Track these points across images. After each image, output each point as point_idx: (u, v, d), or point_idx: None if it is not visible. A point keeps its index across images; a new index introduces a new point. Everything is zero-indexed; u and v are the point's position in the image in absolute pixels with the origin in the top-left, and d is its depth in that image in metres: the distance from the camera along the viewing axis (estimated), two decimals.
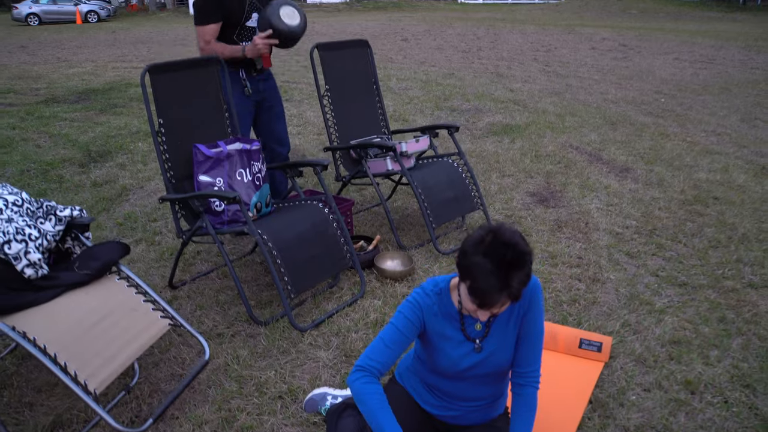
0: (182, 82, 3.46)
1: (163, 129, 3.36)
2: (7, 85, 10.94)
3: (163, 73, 3.37)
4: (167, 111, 3.38)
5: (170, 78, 3.40)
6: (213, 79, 3.60)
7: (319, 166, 3.42)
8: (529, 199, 4.79)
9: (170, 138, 3.38)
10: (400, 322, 1.96)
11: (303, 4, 37.84)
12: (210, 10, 3.76)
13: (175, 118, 3.41)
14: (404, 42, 16.68)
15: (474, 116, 7.50)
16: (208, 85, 3.57)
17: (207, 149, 3.35)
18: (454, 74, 10.64)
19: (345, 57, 4.28)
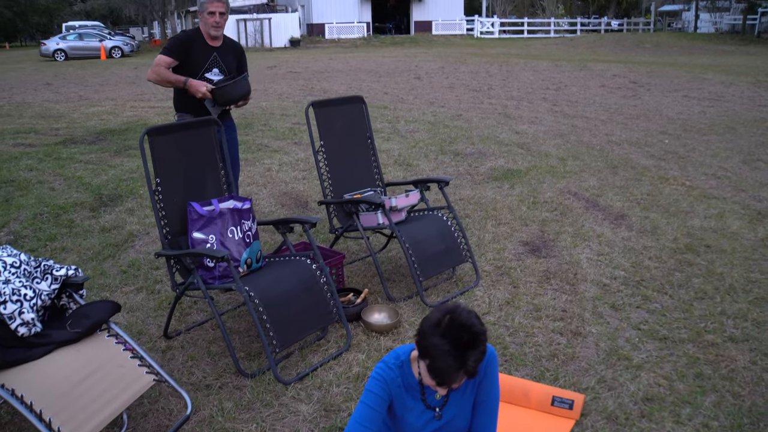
0: (180, 143, 3.64)
1: (160, 188, 3.53)
2: (29, 124, 11.31)
3: (161, 135, 3.55)
4: (164, 170, 3.55)
5: (168, 139, 3.58)
6: (210, 139, 3.78)
7: (307, 223, 3.57)
8: (521, 249, 4.89)
9: (167, 196, 3.55)
10: (370, 399, 2.07)
11: (320, 39, 38.54)
12: (176, 47, 4.32)
13: (172, 177, 3.58)
14: (417, 80, 16.96)
15: (477, 160, 7.64)
16: (205, 145, 3.75)
17: (201, 207, 3.52)
18: (461, 115, 10.82)
19: (340, 113, 4.46)
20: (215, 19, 4.32)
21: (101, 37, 33.72)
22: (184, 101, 4.43)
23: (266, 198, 6.40)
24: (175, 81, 4.26)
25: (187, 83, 4.23)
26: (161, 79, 4.27)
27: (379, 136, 9.14)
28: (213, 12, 4.31)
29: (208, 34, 4.38)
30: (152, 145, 3.52)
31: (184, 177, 3.64)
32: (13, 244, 5.37)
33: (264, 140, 9.14)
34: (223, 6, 4.34)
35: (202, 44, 4.37)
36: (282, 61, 25.85)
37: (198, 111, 4.41)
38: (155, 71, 4.28)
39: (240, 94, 4.33)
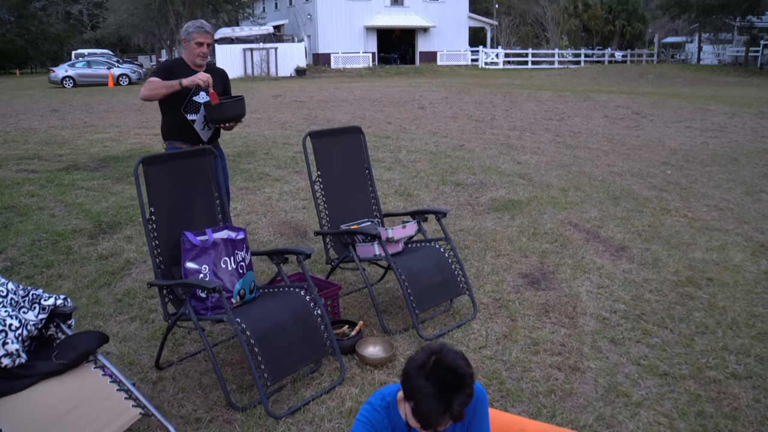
0: (175, 172, 3.62)
1: (154, 217, 3.51)
2: (33, 150, 11.37)
3: (156, 164, 3.54)
4: (159, 200, 3.53)
5: (163, 168, 3.57)
6: (205, 168, 3.76)
7: (301, 254, 3.53)
8: (520, 281, 4.83)
9: (160, 226, 3.53)
10: None
11: (326, 69, 38.88)
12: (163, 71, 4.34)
13: (166, 207, 3.56)
14: (421, 110, 17.03)
15: (478, 191, 7.61)
16: (199, 174, 3.73)
17: (194, 237, 3.49)
18: (464, 146, 10.83)
19: (338, 143, 4.45)
20: (202, 50, 4.36)
21: (109, 64, 34.09)
22: (174, 129, 4.44)
23: (265, 227, 6.37)
24: (169, 85, 4.22)
25: (183, 82, 4.22)
26: (155, 90, 4.22)
27: (380, 165, 9.14)
28: (201, 43, 4.34)
29: (193, 63, 4.41)
30: (147, 175, 3.50)
31: (178, 206, 3.62)
32: (9, 271, 5.34)
33: (266, 169, 9.15)
34: (210, 37, 4.40)
35: (186, 69, 4.39)
36: (287, 90, 26.05)
37: (188, 137, 4.41)
38: (147, 86, 4.25)
39: (234, 115, 4.34)
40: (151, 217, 3.50)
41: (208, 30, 4.39)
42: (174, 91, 4.26)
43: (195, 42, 4.34)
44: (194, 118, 4.41)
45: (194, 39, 4.33)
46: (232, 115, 4.33)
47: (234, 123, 4.44)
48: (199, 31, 4.35)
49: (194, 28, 4.36)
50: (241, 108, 4.33)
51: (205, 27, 4.38)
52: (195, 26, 4.37)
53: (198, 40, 4.34)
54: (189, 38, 4.37)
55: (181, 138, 4.46)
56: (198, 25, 4.37)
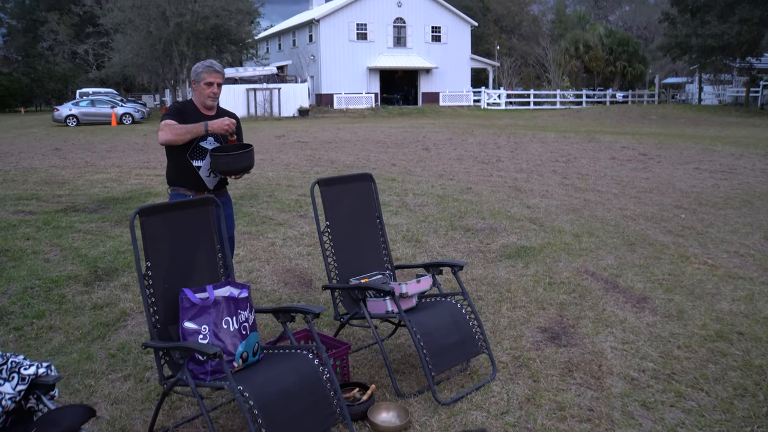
0: (174, 224, 3.38)
1: (150, 272, 3.26)
2: (32, 190, 11.16)
3: (154, 215, 3.30)
4: (156, 254, 3.28)
5: (162, 219, 3.33)
6: (207, 219, 3.52)
7: (309, 313, 3.26)
8: (539, 336, 4.55)
9: (157, 281, 3.28)
10: None
11: (329, 109, 39.03)
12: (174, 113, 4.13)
13: (164, 261, 3.31)
14: (425, 151, 16.89)
15: (488, 237, 7.36)
16: (201, 226, 3.49)
17: (193, 295, 3.22)
18: (471, 188, 10.62)
19: (347, 192, 4.22)
20: (213, 90, 4.15)
21: (113, 103, 34.22)
22: (179, 175, 4.21)
23: (269, 275, 6.11)
24: (194, 130, 4.01)
25: (209, 125, 4.01)
26: (178, 134, 3.99)
27: (387, 209, 8.91)
28: (211, 83, 4.14)
29: (203, 105, 4.21)
30: (144, 226, 3.26)
31: (177, 260, 3.36)
32: None
33: (269, 212, 8.92)
34: (220, 77, 4.18)
35: (196, 113, 4.19)
36: (290, 130, 26.03)
37: (193, 183, 4.19)
38: (168, 130, 3.99)
39: (242, 168, 4.11)
40: (147, 272, 3.25)
41: (217, 69, 4.19)
42: (198, 135, 4.06)
43: (205, 82, 4.14)
44: (200, 165, 4.19)
45: (204, 79, 4.14)
46: (239, 168, 4.10)
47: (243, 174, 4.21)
48: (208, 70, 4.16)
49: (203, 68, 4.17)
50: (249, 159, 4.09)
51: (215, 66, 4.19)
52: (204, 66, 4.18)
53: (208, 80, 4.15)
54: (198, 79, 4.17)
55: (186, 185, 4.23)
56: (207, 64, 4.18)
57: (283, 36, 48.33)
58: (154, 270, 3.27)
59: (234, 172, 4.13)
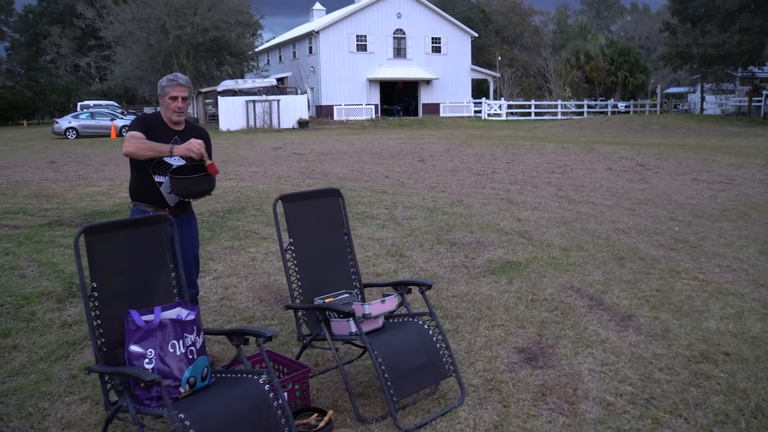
0: (123, 242, 3.24)
1: (96, 293, 3.12)
2: (20, 204, 11.04)
3: (100, 233, 3.16)
4: (103, 273, 3.14)
5: (109, 238, 3.18)
6: (160, 237, 3.38)
7: (261, 337, 3.10)
8: (515, 357, 4.37)
9: (104, 303, 3.14)
10: None
11: (329, 121, 38.99)
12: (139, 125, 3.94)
13: (112, 281, 3.17)
14: (421, 163, 16.75)
15: (474, 251, 7.20)
16: (153, 244, 3.35)
17: (139, 317, 3.08)
18: (462, 201, 10.46)
19: (313, 208, 4.07)
20: (177, 105, 4.00)
21: (112, 116, 34.21)
22: (141, 189, 4.07)
23: (245, 291, 5.96)
24: (158, 148, 3.84)
25: (174, 150, 3.84)
26: (143, 149, 3.81)
27: (374, 223, 8.76)
28: (175, 97, 3.99)
29: (170, 120, 4.06)
30: (89, 245, 3.12)
31: (126, 280, 3.22)
32: None
33: (254, 226, 8.77)
34: (186, 90, 4.02)
35: (162, 127, 4.04)
36: (288, 142, 25.93)
37: (154, 199, 4.04)
38: (133, 143, 3.81)
39: (201, 191, 3.95)
40: (92, 293, 3.11)
41: (182, 83, 4.03)
42: (162, 156, 3.90)
43: (169, 96, 3.99)
44: (162, 181, 4.04)
45: (167, 93, 3.99)
46: (197, 191, 3.94)
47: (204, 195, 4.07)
48: (171, 84, 4.00)
49: (167, 82, 4.01)
50: (208, 183, 3.92)
51: (179, 79, 4.03)
52: (167, 79, 4.03)
53: (171, 94, 3.99)
54: (163, 93, 4.02)
55: (147, 200, 4.08)
56: (170, 78, 4.02)
57: (283, 48, 48.41)
58: (100, 291, 3.13)
59: (192, 196, 3.97)
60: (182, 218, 4.16)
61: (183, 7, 34.94)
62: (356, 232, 8.21)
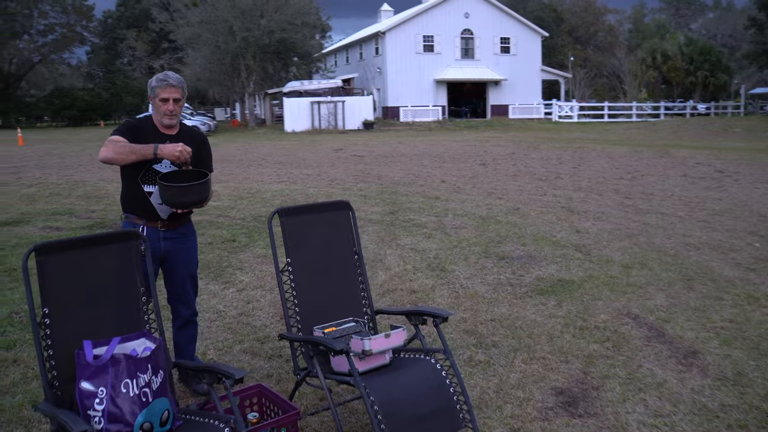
0: (83, 263, 2.81)
1: (48, 320, 2.70)
2: (70, 205, 11.01)
3: (54, 253, 2.74)
4: (57, 298, 2.74)
5: (64, 259, 2.77)
6: (128, 257, 2.93)
7: (230, 379, 2.61)
8: (552, 401, 3.74)
9: (57, 332, 2.72)
10: None
11: (395, 122, 38.59)
12: (125, 130, 3.56)
13: (66, 307, 2.75)
14: (481, 167, 16.07)
15: (523, 267, 6.54)
16: (119, 265, 2.91)
17: (90, 351, 2.64)
18: (518, 209, 9.76)
19: (317, 223, 3.56)
20: (168, 107, 3.56)
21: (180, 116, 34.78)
22: (130, 200, 3.67)
23: (266, 307, 5.52)
24: (141, 151, 3.42)
25: (159, 149, 3.43)
26: (121, 153, 3.41)
27: (420, 232, 8.20)
28: (166, 99, 3.55)
29: (161, 123, 3.63)
30: (41, 267, 2.71)
31: (85, 306, 2.79)
32: None
33: None
34: (178, 92, 3.58)
35: (153, 131, 3.62)
36: (350, 144, 25.63)
37: (144, 211, 3.62)
38: (111, 147, 3.42)
39: (190, 201, 3.50)
40: (43, 320, 2.70)
41: (173, 83, 3.58)
42: (146, 159, 3.48)
43: (159, 98, 3.56)
44: (152, 191, 3.62)
45: (158, 95, 3.56)
46: (186, 201, 3.48)
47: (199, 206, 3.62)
48: (162, 84, 3.57)
49: (156, 82, 3.59)
50: (198, 193, 3.45)
51: (170, 79, 3.59)
52: (157, 79, 3.60)
53: (162, 96, 3.56)
54: (153, 94, 3.60)
55: (137, 212, 3.67)
56: (161, 77, 3.59)
57: (350, 49, 48.32)
58: (53, 318, 2.72)
59: (181, 206, 3.52)
60: (177, 231, 3.74)
61: (250, 9, 35.19)
62: (399, 242, 7.69)
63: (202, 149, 3.77)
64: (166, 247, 3.67)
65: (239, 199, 11.28)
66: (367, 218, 9.26)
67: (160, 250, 3.65)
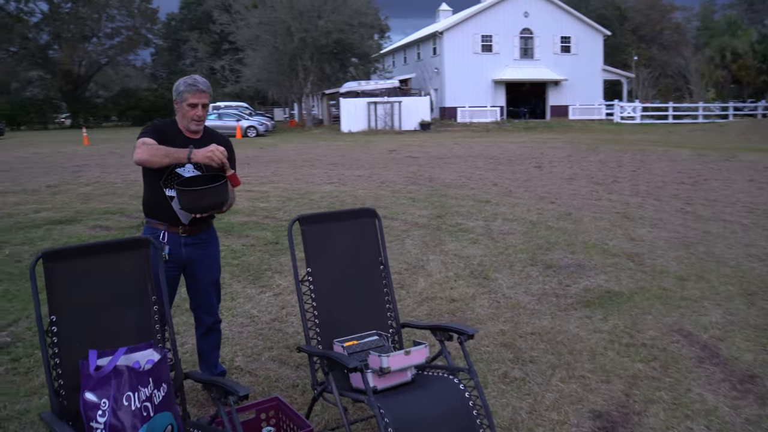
0: (91, 270, 2.74)
1: (56, 328, 2.65)
2: (122, 204, 11.22)
3: (62, 260, 2.68)
4: (64, 306, 2.67)
5: (72, 265, 2.70)
6: (139, 265, 2.85)
7: (233, 395, 2.49)
8: (587, 425, 3.48)
9: (65, 340, 2.66)
10: None
11: (452, 123, 38.26)
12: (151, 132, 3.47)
13: (74, 315, 2.68)
14: (536, 169, 15.68)
15: (570, 276, 6.25)
16: (129, 272, 2.82)
17: (94, 361, 2.56)
18: (571, 215, 9.42)
19: (340, 231, 3.41)
20: (197, 113, 3.47)
21: (239, 116, 35.34)
22: (152, 203, 3.59)
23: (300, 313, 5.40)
24: (175, 154, 3.31)
25: (193, 153, 3.31)
26: (156, 155, 3.31)
27: (466, 237, 7.98)
28: (195, 104, 3.46)
29: (187, 128, 3.54)
30: (48, 273, 2.65)
31: (92, 315, 2.72)
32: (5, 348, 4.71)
33: None
34: (207, 96, 3.49)
35: (177, 135, 3.53)
36: (405, 144, 25.49)
37: (166, 216, 3.54)
38: (145, 149, 3.32)
39: (208, 205, 3.39)
40: (50, 327, 2.64)
41: (202, 88, 3.48)
42: (179, 162, 3.39)
43: (187, 103, 3.47)
44: (173, 195, 3.54)
45: (186, 100, 3.47)
46: (202, 206, 3.37)
47: (218, 211, 3.53)
48: (191, 90, 3.47)
49: (185, 87, 3.49)
50: (214, 197, 3.34)
51: (199, 84, 3.49)
52: (186, 84, 3.49)
53: (191, 101, 3.47)
54: (180, 99, 3.50)
55: (158, 217, 3.59)
56: (189, 82, 3.49)
57: (408, 49, 48.19)
58: (60, 325, 2.66)
59: (197, 210, 3.43)
60: (199, 237, 3.65)
61: (307, 10, 35.45)
62: (443, 247, 7.49)
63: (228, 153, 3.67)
64: (187, 253, 3.59)
65: (288, 201, 11.28)
66: (413, 222, 9.10)
67: (181, 256, 3.57)
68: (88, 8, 54.91)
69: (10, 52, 54.96)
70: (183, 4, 61.07)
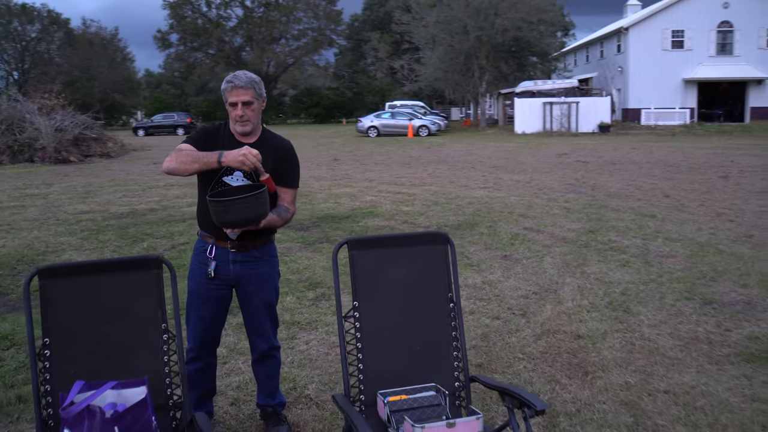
0: (93, 292, 2.43)
1: (48, 351, 2.37)
2: None
3: (59, 277, 2.39)
4: (58, 328, 2.39)
5: (70, 284, 2.41)
6: (149, 289, 2.49)
7: None
8: None
9: (58, 365, 2.38)
10: None
11: (634, 125, 35.64)
12: (197, 136, 3.19)
13: (69, 339, 2.39)
14: (721, 180, 13.85)
15: (734, 317, 5.14)
16: (136, 295, 2.48)
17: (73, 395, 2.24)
18: (752, 237, 7.99)
19: (397, 259, 2.83)
20: (238, 112, 3.05)
21: (411, 115, 35.50)
22: (202, 215, 3.22)
23: None
24: (204, 160, 2.95)
25: (224, 155, 2.92)
26: (184, 162, 2.96)
27: (615, 258, 6.99)
28: (235, 103, 3.05)
29: (235, 130, 3.15)
30: (44, 291, 2.37)
31: (89, 340, 2.42)
32: None
33: (472, 248, 7.62)
34: (248, 93, 3.04)
35: (229, 140, 3.14)
36: (579, 148, 23.99)
37: (215, 229, 3.14)
38: (174, 157, 3.00)
39: (238, 219, 2.92)
40: (42, 351, 2.36)
41: (241, 84, 3.05)
42: (210, 168, 3.03)
43: (228, 103, 3.09)
44: None
45: (227, 99, 3.08)
46: (233, 219, 2.88)
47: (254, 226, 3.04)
48: (228, 87, 3.08)
49: (225, 84, 3.07)
50: (250, 209, 2.86)
51: (237, 80, 3.06)
52: (225, 81, 3.08)
53: (230, 100, 3.07)
54: (224, 98, 3.12)
55: (208, 230, 3.22)
56: (228, 79, 3.08)
57: (590, 47, 45.70)
58: (53, 349, 2.38)
59: (227, 225, 2.97)
60: (251, 254, 3.22)
61: (485, 7, 34.70)
62: (585, 269, 6.60)
63: (283, 163, 3.22)
64: (236, 271, 3.19)
65: (433, 205, 10.81)
66: (559, 236, 8.21)
67: (229, 273, 3.18)
68: (277, 12, 58.37)
69: (208, 55, 60.10)
70: (366, 5, 62.92)
